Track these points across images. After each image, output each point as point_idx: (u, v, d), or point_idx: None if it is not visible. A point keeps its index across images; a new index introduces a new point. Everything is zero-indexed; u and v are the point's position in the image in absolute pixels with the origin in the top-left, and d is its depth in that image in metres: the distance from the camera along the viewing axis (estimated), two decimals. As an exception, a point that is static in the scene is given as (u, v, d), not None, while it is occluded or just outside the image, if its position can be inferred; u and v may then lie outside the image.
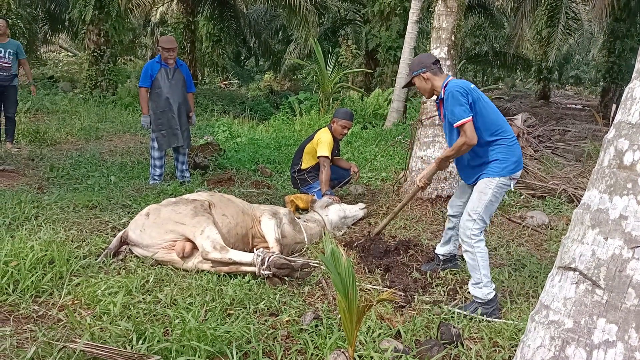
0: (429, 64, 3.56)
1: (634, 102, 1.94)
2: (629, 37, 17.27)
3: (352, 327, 2.44)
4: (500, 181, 3.38)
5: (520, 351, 2.07)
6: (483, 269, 3.35)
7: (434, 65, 3.57)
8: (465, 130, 3.31)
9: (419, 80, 3.62)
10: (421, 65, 3.58)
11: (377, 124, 11.73)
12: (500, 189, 3.40)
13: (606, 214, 1.91)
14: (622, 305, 1.82)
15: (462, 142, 3.34)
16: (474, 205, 3.41)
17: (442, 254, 4.05)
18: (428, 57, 3.67)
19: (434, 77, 3.56)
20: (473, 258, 3.37)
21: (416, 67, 3.61)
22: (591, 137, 10.11)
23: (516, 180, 3.50)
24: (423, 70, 3.56)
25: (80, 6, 12.38)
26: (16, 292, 3.13)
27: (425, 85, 3.60)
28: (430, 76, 3.55)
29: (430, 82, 3.57)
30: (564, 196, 6.38)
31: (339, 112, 5.72)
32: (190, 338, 2.60)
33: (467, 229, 3.40)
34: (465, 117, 3.30)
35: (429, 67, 3.55)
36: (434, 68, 3.56)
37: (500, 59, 21.30)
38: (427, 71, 3.55)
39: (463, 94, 3.34)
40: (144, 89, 6.20)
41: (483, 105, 3.43)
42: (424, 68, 3.56)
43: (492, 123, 3.42)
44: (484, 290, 3.33)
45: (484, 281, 3.34)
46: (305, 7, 14.14)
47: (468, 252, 3.41)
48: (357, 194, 6.25)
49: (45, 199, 5.10)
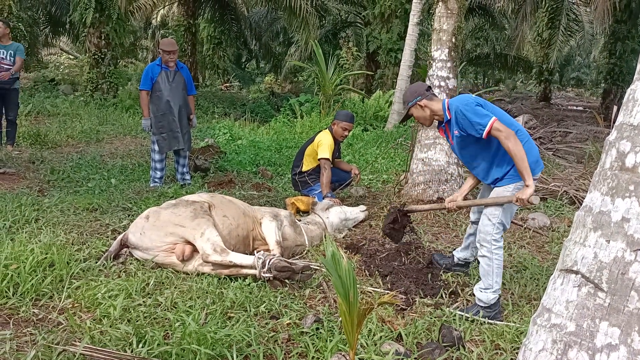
0: (422, 91, 3.50)
1: (635, 103, 1.93)
2: (630, 39, 17.28)
3: (353, 330, 2.43)
4: (518, 185, 3.29)
5: (522, 354, 2.06)
6: (497, 276, 3.32)
7: (427, 92, 3.50)
8: (499, 129, 3.15)
9: (417, 110, 3.52)
10: (415, 94, 3.50)
11: (378, 126, 11.73)
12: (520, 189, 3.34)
13: (608, 217, 1.90)
14: (624, 308, 1.80)
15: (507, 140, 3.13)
16: (492, 209, 3.34)
17: (458, 258, 4.03)
18: (420, 85, 3.60)
19: (431, 103, 3.48)
20: (489, 264, 3.33)
21: (410, 97, 3.52)
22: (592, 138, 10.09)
23: (536, 180, 3.39)
24: (419, 98, 3.48)
25: (81, 9, 12.40)
26: (16, 295, 3.12)
27: (424, 114, 3.52)
28: (427, 103, 3.47)
29: (429, 108, 3.48)
30: (566, 198, 6.36)
31: (340, 114, 5.71)
32: (191, 341, 2.59)
33: (487, 233, 3.34)
34: (490, 118, 3.18)
35: (424, 95, 3.48)
36: (429, 94, 3.50)
37: (501, 60, 21.30)
38: (422, 99, 3.47)
39: (473, 103, 3.27)
40: (144, 91, 6.20)
41: (492, 110, 3.35)
42: (419, 96, 3.48)
43: (509, 124, 3.28)
44: (489, 295, 3.31)
45: (494, 288, 3.31)
46: (305, 9, 14.14)
47: (485, 257, 3.35)
48: (358, 196, 6.24)
49: (46, 201, 5.09)
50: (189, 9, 17.52)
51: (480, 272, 3.41)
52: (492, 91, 21.13)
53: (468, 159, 3.56)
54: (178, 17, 18.43)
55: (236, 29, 20.71)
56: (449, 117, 3.41)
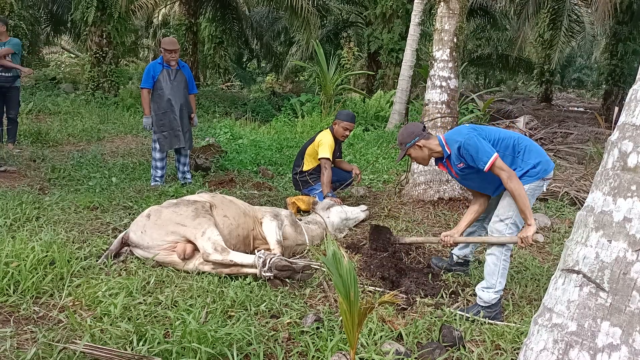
0: (419, 131, 3.53)
1: (638, 103, 1.92)
2: (632, 40, 17.27)
3: (354, 330, 2.43)
4: (531, 186, 3.33)
5: (523, 354, 2.05)
6: (501, 277, 3.33)
7: (424, 132, 3.55)
8: (500, 167, 3.23)
9: (415, 150, 3.56)
10: (413, 135, 3.53)
11: (379, 126, 11.73)
12: (534, 191, 3.37)
13: (610, 216, 1.89)
14: (626, 308, 1.80)
15: (507, 180, 3.21)
16: (506, 210, 3.33)
17: (458, 255, 4.05)
18: (415, 125, 3.62)
19: (428, 142, 3.52)
20: (496, 264, 3.33)
21: (408, 138, 3.54)
22: (593, 139, 10.09)
23: (549, 179, 3.43)
24: (417, 139, 3.51)
25: (83, 8, 12.40)
26: (17, 293, 3.12)
27: (422, 153, 3.56)
28: (425, 142, 3.52)
29: (427, 147, 3.53)
30: (567, 199, 6.36)
31: (341, 113, 5.70)
32: (191, 340, 2.59)
33: (498, 232, 3.35)
34: (492, 154, 3.23)
35: (421, 135, 3.52)
36: (425, 134, 3.54)
37: (502, 61, 21.30)
38: (420, 139, 3.51)
39: (474, 136, 3.30)
40: (145, 90, 6.20)
41: (488, 132, 3.41)
42: (417, 137, 3.51)
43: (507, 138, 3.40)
44: (491, 294, 3.32)
45: (496, 288, 3.32)
46: (307, 9, 14.14)
47: (493, 256, 3.35)
48: (359, 196, 6.24)
49: (47, 200, 5.10)
50: (191, 8, 17.52)
51: (485, 271, 3.41)
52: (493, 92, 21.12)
53: (475, 186, 3.63)
54: (179, 16, 18.42)
55: (237, 29, 20.71)
56: (449, 152, 3.46)
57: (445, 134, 3.55)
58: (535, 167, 3.34)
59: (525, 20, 18.47)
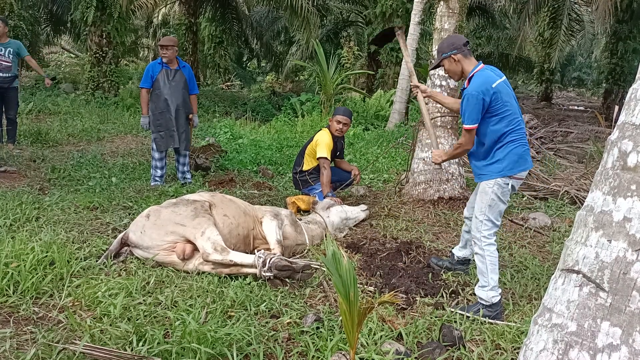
0: (459, 45, 3.44)
1: (637, 103, 1.92)
2: (632, 39, 17.26)
3: (353, 330, 2.42)
4: (498, 181, 3.34)
5: (523, 354, 2.05)
6: (492, 272, 3.32)
7: (464, 47, 3.44)
8: (466, 135, 3.38)
9: (449, 63, 3.49)
10: (452, 46, 3.44)
11: (379, 125, 11.72)
12: (502, 189, 3.34)
13: (610, 216, 1.89)
14: (626, 308, 1.80)
15: (459, 143, 3.50)
16: (479, 206, 3.42)
17: (457, 256, 4.04)
18: (458, 38, 3.54)
19: (464, 60, 3.45)
20: (482, 261, 3.36)
21: (446, 48, 3.47)
22: (594, 138, 10.09)
23: (520, 180, 3.44)
24: (454, 52, 3.43)
25: (82, 8, 12.41)
26: (16, 294, 3.12)
27: (455, 68, 3.49)
28: (460, 58, 3.44)
29: (461, 64, 3.46)
30: (567, 198, 6.36)
31: (336, 110, 5.74)
32: (191, 340, 2.59)
33: (477, 230, 3.39)
34: (471, 123, 3.31)
35: (459, 49, 3.43)
36: (465, 50, 3.45)
37: (502, 60, 21.30)
38: (457, 53, 3.43)
39: (479, 99, 3.27)
40: (144, 89, 6.21)
41: (500, 105, 3.33)
42: (455, 50, 3.43)
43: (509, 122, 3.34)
44: (489, 293, 3.31)
45: (490, 284, 3.32)
46: (306, 8, 14.13)
47: (478, 255, 3.39)
48: (359, 195, 6.23)
49: (47, 200, 5.09)
50: (190, 7, 17.52)
51: (477, 271, 3.44)
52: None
53: None
54: (179, 15, 18.43)
55: (237, 28, 20.71)
56: (466, 86, 3.43)
57: (478, 73, 3.41)
58: (499, 161, 3.33)
59: (526, 19, 18.45)
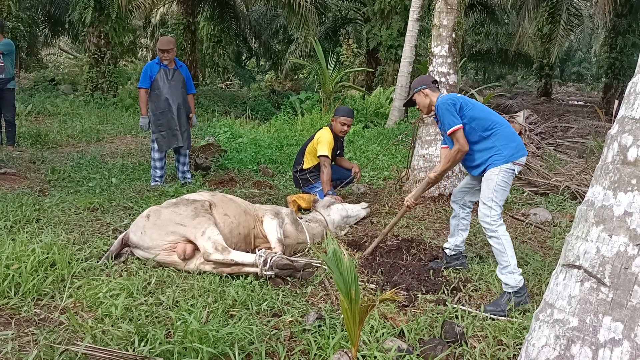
0: (428, 82, 3.95)
1: (637, 97, 1.91)
2: (631, 33, 17.22)
3: (355, 327, 2.42)
4: (504, 167, 3.54)
5: (525, 350, 2.05)
6: (509, 250, 3.46)
7: (432, 84, 3.94)
8: (457, 138, 3.61)
9: (419, 97, 3.94)
10: (421, 82, 3.95)
11: (379, 122, 11.71)
12: (506, 173, 3.55)
13: (610, 211, 1.89)
14: (627, 303, 1.79)
15: (456, 149, 3.64)
16: (485, 193, 3.57)
17: (449, 248, 4.06)
18: (427, 77, 4.09)
19: (432, 94, 3.90)
20: (498, 242, 3.48)
21: (417, 84, 3.96)
22: (594, 133, 10.08)
23: (521, 165, 3.66)
24: (423, 87, 3.91)
25: (80, 8, 12.38)
26: (18, 296, 3.12)
27: (424, 101, 3.92)
28: (429, 92, 3.90)
29: (429, 98, 3.90)
30: (567, 193, 6.35)
31: (338, 109, 5.71)
32: (193, 340, 2.59)
33: (485, 216, 3.53)
34: (456, 124, 3.61)
35: (428, 85, 3.92)
36: (433, 86, 3.93)
37: (501, 56, 21.24)
38: (426, 88, 3.91)
39: (450, 104, 3.65)
40: (143, 89, 6.18)
41: (471, 107, 3.71)
42: (424, 85, 3.92)
43: (485, 119, 3.67)
44: (515, 276, 3.40)
45: (511, 264, 3.42)
46: (304, 6, 14.10)
47: (493, 238, 3.52)
48: (360, 193, 6.23)
49: (47, 201, 5.09)
50: (188, 7, 17.49)
51: (495, 254, 3.53)
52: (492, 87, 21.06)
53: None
54: (177, 15, 18.39)
55: (236, 27, 20.69)
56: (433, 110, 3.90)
57: (440, 95, 3.87)
58: (501, 149, 3.57)
59: (525, 14, 18.42)
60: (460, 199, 3.98)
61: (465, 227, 4.03)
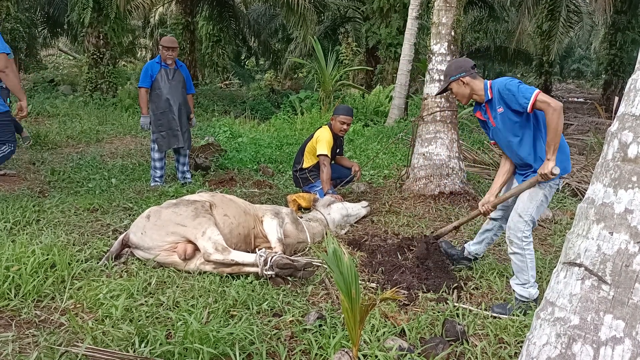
0: (468, 67, 3.41)
1: (637, 93, 1.90)
2: (631, 29, 17.21)
3: (356, 327, 2.42)
4: (550, 183, 3.26)
5: (526, 349, 2.04)
6: (531, 269, 3.31)
7: (472, 70, 3.41)
8: (543, 100, 3.05)
9: (457, 85, 3.44)
10: (460, 69, 3.41)
11: (379, 121, 11.70)
12: (551, 189, 3.30)
13: (611, 208, 1.88)
14: (629, 300, 1.79)
15: (552, 112, 3.03)
16: (525, 206, 3.28)
17: (469, 252, 3.94)
18: (466, 61, 3.51)
19: (473, 81, 3.39)
20: (522, 260, 3.30)
21: (454, 71, 3.43)
22: (594, 130, 10.07)
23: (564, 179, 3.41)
24: (462, 74, 3.40)
25: (79, 9, 12.38)
26: (18, 297, 3.12)
27: (464, 90, 3.43)
28: (470, 80, 3.39)
29: (470, 86, 3.40)
30: (568, 190, 6.34)
31: (338, 108, 5.70)
32: (193, 340, 2.58)
33: (518, 230, 3.28)
34: (533, 91, 3.09)
35: (468, 71, 3.40)
36: (473, 72, 3.41)
37: (501, 53, 21.24)
38: (466, 75, 3.39)
39: (517, 81, 3.20)
40: (143, 89, 6.17)
41: None
42: (464, 72, 3.39)
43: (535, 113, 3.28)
44: (531, 290, 3.31)
45: (530, 282, 3.32)
46: (303, 5, 14.09)
47: (517, 254, 3.31)
48: (360, 192, 6.22)
49: (47, 202, 5.09)
50: (187, 6, 17.48)
51: (514, 269, 3.39)
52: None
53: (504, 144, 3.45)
54: (176, 15, 18.39)
55: (235, 27, 20.68)
56: (490, 96, 3.34)
57: (493, 80, 3.37)
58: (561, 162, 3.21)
59: (525, 11, 18.39)
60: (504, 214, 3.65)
61: (493, 241, 3.87)
